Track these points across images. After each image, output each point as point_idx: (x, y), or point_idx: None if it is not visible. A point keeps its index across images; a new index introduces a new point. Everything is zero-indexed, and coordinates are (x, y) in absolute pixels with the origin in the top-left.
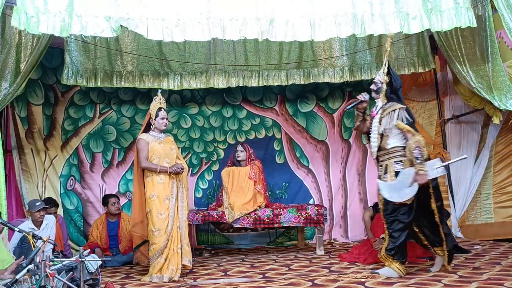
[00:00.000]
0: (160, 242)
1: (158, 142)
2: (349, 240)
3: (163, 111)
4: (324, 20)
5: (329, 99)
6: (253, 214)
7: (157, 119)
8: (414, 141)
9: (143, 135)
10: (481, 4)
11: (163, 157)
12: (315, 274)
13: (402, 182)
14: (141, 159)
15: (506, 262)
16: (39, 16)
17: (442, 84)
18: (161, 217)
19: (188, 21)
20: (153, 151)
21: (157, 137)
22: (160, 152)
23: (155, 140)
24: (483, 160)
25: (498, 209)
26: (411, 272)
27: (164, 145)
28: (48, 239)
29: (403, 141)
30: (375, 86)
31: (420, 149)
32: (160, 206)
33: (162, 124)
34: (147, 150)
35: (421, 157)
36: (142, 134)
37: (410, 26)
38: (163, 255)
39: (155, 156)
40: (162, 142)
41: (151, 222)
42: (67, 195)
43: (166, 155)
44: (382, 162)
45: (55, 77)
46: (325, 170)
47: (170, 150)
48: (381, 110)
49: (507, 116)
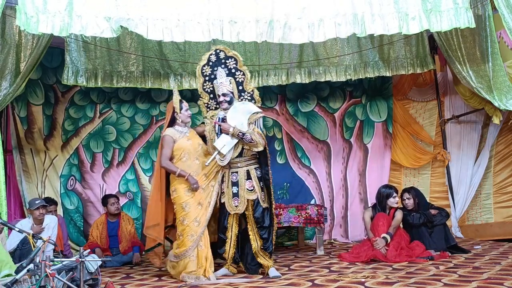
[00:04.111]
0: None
1: (187, 139)
2: (349, 240)
3: (185, 103)
4: (323, 21)
5: (329, 98)
6: None
7: (182, 111)
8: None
9: (169, 130)
10: (481, 4)
11: (193, 154)
12: (315, 274)
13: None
14: (163, 157)
15: (506, 262)
16: (38, 16)
17: (442, 84)
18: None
19: (188, 21)
20: (182, 148)
21: (183, 132)
22: (190, 150)
23: (182, 136)
24: (483, 160)
25: (498, 209)
26: (411, 271)
27: (193, 141)
28: (49, 239)
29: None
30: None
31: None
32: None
33: (187, 115)
34: (171, 148)
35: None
36: (168, 129)
37: (409, 27)
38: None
39: (185, 154)
40: (190, 137)
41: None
42: (67, 195)
43: (195, 151)
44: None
45: (55, 77)
46: (327, 170)
47: (198, 146)
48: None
49: (507, 116)
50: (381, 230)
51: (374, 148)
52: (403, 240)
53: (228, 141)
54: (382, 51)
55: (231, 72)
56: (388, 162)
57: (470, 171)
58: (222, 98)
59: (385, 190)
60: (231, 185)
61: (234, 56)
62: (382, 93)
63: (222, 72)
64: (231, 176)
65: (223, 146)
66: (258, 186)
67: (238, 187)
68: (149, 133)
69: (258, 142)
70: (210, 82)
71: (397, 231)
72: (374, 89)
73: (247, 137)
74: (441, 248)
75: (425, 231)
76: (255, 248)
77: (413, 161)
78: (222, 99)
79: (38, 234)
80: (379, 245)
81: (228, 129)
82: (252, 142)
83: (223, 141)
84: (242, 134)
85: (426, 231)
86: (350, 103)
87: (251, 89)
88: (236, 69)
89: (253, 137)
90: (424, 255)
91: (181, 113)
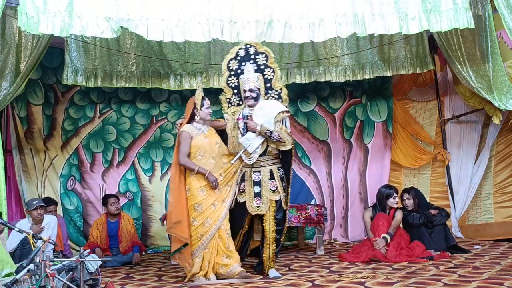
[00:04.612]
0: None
1: (204, 136)
2: (349, 240)
3: (207, 100)
4: (324, 21)
5: (330, 98)
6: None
7: (202, 108)
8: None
9: (187, 126)
10: (481, 4)
11: (209, 153)
12: (315, 275)
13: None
14: (181, 154)
15: (506, 262)
16: (39, 17)
17: (442, 84)
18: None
19: (187, 21)
20: (198, 146)
21: (201, 130)
22: (206, 148)
23: (200, 134)
24: (483, 160)
25: (499, 209)
26: (411, 271)
27: (210, 140)
28: (49, 239)
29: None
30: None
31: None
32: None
33: (207, 113)
34: (188, 145)
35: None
36: (185, 125)
37: (409, 27)
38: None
39: (200, 152)
40: (208, 136)
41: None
42: (67, 195)
43: (212, 151)
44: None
45: (55, 77)
46: (327, 170)
47: (215, 145)
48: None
49: (507, 116)
50: (381, 230)
51: (375, 148)
52: (403, 240)
53: (255, 139)
54: (382, 51)
55: (259, 68)
56: (388, 162)
57: (470, 171)
58: (249, 94)
59: (385, 190)
60: (253, 184)
61: (265, 52)
62: (382, 93)
63: (250, 68)
64: (253, 175)
65: (249, 144)
66: (281, 186)
67: (261, 187)
68: (149, 133)
69: (286, 140)
70: (235, 77)
71: (397, 231)
72: (374, 89)
73: (275, 135)
74: (441, 248)
75: (425, 231)
76: (268, 254)
77: (413, 161)
78: (249, 94)
79: (37, 234)
80: (379, 245)
81: (255, 127)
82: (280, 141)
83: (249, 139)
84: (270, 132)
85: (426, 231)
86: (350, 103)
87: (280, 88)
88: (266, 65)
89: (281, 135)
90: (424, 255)
91: (202, 110)
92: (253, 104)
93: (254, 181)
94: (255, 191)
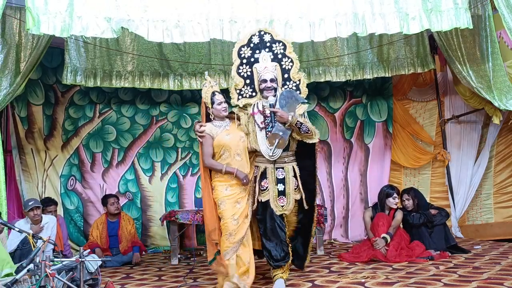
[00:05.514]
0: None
1: (226, 133)
2: (349, 240)
3: (218, 94)
4: (324, 20)
5: (330, 98)
6: None
7: (214, 105)
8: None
9: (207, 126)
10: (481, 4)
11: (233, 150)
12: (315, 275)
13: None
14: (205, 156)
15: (506, 262)
16: (39, 17)
17: (442, 84)
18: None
19: (187, 22)
20: (221, 145)
21: (222, 126)
22: (229, 145)
23: (221, 131)
24: (483, 160)
25: (499, 209)
26: (411, 271)
27: (232, 135)
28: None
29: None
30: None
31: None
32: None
33: (221, 109)
34: (210, 145)
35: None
36: (207, 125)
37: (409, 27)
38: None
39: (224, 150)
40: (230, 131)
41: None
42: (68, 195)
43: (236, 147)
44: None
45: (55, 77)
46: (327, 170)
47: (239, 140)
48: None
49: (507, 116)
50: (381, 230)
51: (375, 148)
52: (403, 240)
53: (285, 131)
54: (382, 51)
55: (276, 57)
56: (388, 162)
57: (470, 171)
58: (270, 84)
59: (387, 190)
60: (276, 182)
61: (283, 41)
62: (382, 93)
63: (267, 56)
64: (276, 172)
65: (281, 136)
66: (300, 185)
67: (285, 185)
68: (149, 133)
69: (314, 132)
70: (248, 65)
71: (397, 231)
72: (374, 89)
73: (304, 127)
74: (441, 248)
75: (425, 231)
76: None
77: (413, 161)
78: (270, 85)
79: (37, 233)
80: (379, 245)
81: (287, 117)
82: (309, 133)
83: (279, 131)
84: (300, 123)
85: (426, 231)
86: (350, 103)
87: (299, 79)
88: (284, 55)
89: (310, 127)
90: (424, 255)
91: (213, 107)
92: (274, 95)
93: (277, 178)
94: (279, 189)
